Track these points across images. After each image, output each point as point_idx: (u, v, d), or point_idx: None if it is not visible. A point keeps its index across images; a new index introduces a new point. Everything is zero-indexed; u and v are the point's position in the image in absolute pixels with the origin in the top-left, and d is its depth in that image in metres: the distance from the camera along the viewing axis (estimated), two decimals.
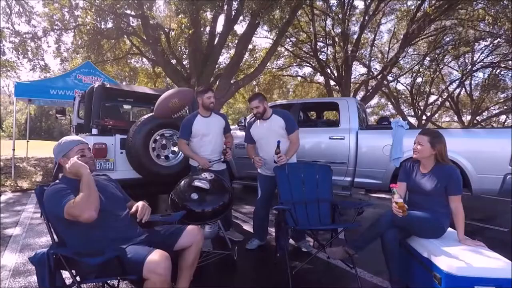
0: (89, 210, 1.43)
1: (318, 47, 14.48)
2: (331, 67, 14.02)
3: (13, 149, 6.70)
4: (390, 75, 16.18)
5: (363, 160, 4.14)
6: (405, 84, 18.20)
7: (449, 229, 2.19)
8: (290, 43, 15.01)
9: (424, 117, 17.95)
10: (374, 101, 23.53)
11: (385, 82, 14.43)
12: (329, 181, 2.80)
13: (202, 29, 10.33)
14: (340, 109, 4.45)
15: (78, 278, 1.49)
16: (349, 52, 12.57)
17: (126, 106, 4.35)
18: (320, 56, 14.15)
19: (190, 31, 7.58)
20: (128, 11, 9.43)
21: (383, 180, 4.03)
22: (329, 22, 14.19)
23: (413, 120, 18.23)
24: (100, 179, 1.82)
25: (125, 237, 1.61)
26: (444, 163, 2.12)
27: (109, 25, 10.19)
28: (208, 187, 2.33)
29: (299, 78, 18.23)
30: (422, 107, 18.35)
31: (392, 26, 15.62)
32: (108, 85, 3.32)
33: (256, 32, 14.41)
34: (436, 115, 21.00)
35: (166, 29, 10.07)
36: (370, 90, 13.28)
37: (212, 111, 3.00)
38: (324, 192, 2.73)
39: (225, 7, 8.50)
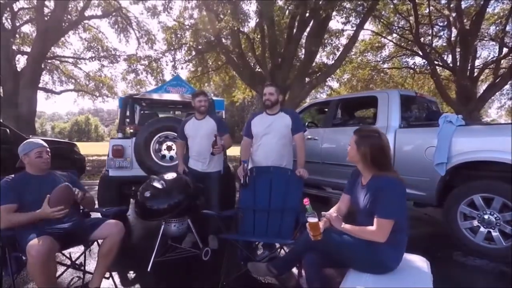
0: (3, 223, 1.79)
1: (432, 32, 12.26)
2: (441, 53, 11.58)
3: None
4: None
5: (403, 166, 3.33)
6: None
7: (423, 267, 1.61)
8: (394, 33, 13.28)
9: None
10: None
11: None
12: (300, 189, 2.45)
13: (284, 31, 10.44)
14: (378, 104, 3.74)
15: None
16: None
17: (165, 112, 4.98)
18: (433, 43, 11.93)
19: (258, 36, 7.79)
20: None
21: (427, 192, 3.17)
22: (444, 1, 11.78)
23: None
24: (57, 174, 2.22)
25: (48, 222, 1.93)
26: (381, 173, 1.56)
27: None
28: (163, 186, 2.47)
29: (408, 70, 15.82)
30: None
31: None
32: (138, 95, 3.91)
33: (353, 26, 13.61)
34: None
35: (246, 34, 10.63)
36: (500, 75, 10.24)
37: (207, 115, 3.04)
38: (292, 201, 2.41)
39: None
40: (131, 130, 3.72)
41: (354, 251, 1.56)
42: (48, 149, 2.17)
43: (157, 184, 2.47)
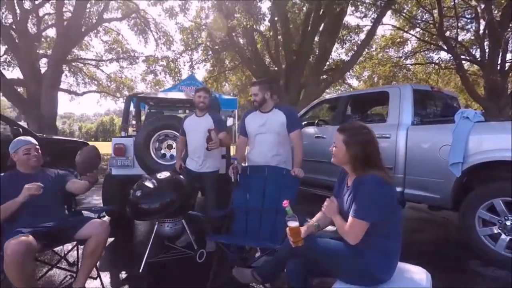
0: None
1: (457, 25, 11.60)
2: (469, 47, 10.91)
3: None
4: None
5: (415, 166, 3.10)
6: None
7: (421, 279, 1.43)
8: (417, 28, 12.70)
9: None
10: None
11: None
12: (295, 189, 2.30)
13: (298, 28, 10.22)
14: (390, 99, 3.50)
15: None
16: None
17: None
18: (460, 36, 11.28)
19: (271, 33, 7.65)
20: None
21: (442, 194, 2.92)
22: None
23: None
24: (48, 172, 2.21)
25: (35, 221, 1.91)
26: (368, 172, 1.39)
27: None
28: (154, 185, 2.40)
29: (433, 65, 15.09)
30: None
31: None
32: (142, 94, 3.89)
33: (371, 20, 13.13)
34: None
35: (261, 32, 10.51)
36: None
37: (206, 112, 2.96)
38: None
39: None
40: (133, 129, 3.71)
41: (340, 259, 1.40)
42: (37, 146, 2.15)
43: (148, 184, 2.41)
